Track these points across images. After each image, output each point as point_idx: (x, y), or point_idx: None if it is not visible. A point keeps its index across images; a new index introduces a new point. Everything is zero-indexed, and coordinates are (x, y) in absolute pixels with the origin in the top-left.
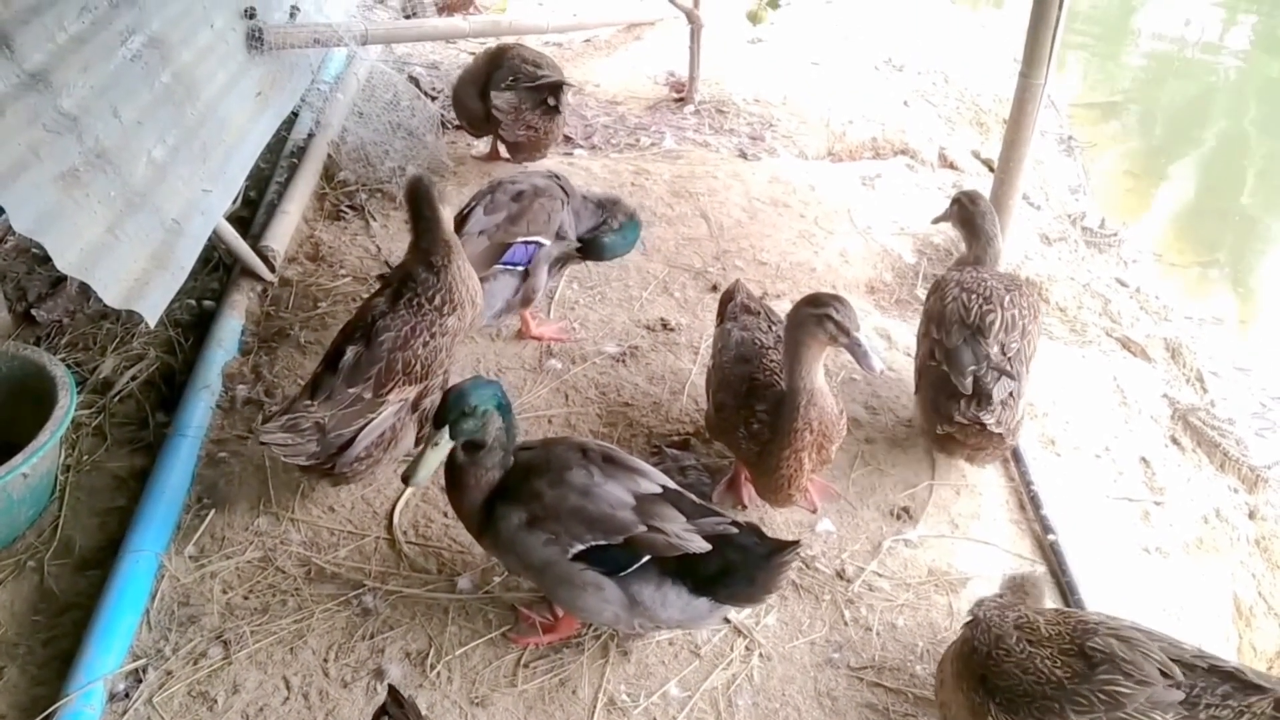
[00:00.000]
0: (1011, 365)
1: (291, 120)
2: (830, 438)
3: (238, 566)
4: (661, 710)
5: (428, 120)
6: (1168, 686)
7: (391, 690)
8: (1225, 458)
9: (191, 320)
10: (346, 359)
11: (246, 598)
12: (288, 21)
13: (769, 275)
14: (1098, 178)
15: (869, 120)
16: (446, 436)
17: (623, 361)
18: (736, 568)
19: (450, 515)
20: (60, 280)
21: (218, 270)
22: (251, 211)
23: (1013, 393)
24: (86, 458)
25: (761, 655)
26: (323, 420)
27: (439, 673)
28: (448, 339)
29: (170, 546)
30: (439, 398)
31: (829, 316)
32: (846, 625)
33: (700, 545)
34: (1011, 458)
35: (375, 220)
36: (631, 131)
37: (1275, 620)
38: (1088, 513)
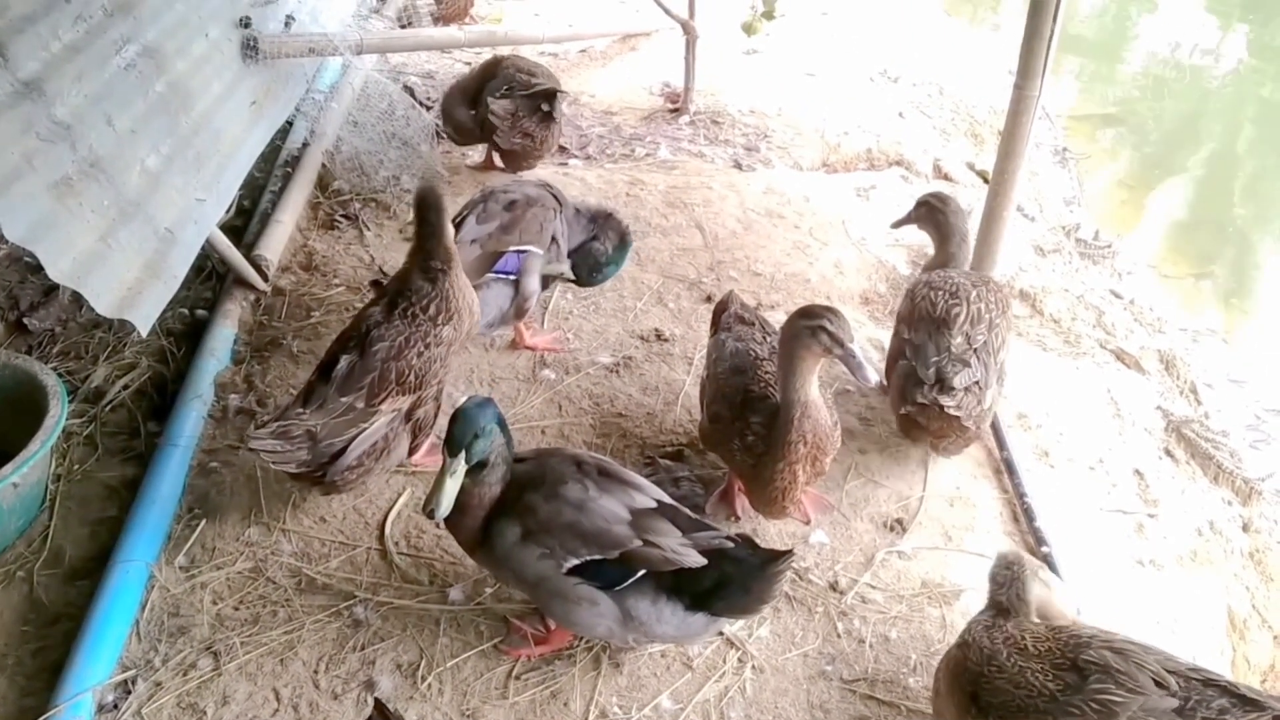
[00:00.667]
0: (977, 356)
1: (286, 129)
2: (825, 450)
3: (228, 577)
4: None
5: (422, 130)
6: (1162, 696)
7: (377, 704)
8: (1219, 470)
9: (184, 329)
10: (340, 368)
11: (237, 608)
12: (283, 31)
13: (763, 286)
14: (1092, 189)
15: (864, 131)
16: (463, 462)
17: (616, 372)
18: (732, 580)
19: (441, 526)
20: (53, 289)
21: (211, 279)
22: (245, 220)
23: (979, 382)
24: (77, 467)
25: (754, 667)
26: (314, 428)
27: (430, 684)
28: (443, 349)
29: (161, 557)
30: (433, 408)
31: (823, 328)
32: (839, 637)
33: (696, 560)
34: (1005, 469)
35: (369, 230)
36: (626, 142)
37: (1269, 633)
38: (1081, 525)
